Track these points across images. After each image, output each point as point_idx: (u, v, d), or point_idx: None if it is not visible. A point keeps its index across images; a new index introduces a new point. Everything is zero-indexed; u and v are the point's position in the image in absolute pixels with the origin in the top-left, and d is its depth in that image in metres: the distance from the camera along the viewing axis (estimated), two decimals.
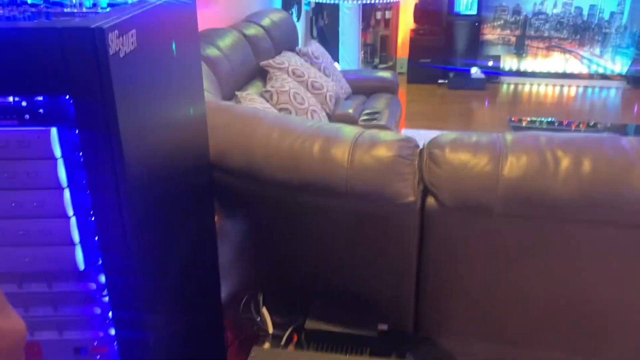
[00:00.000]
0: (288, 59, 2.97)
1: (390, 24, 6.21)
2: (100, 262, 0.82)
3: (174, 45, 0.98)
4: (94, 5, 0.83)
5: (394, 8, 5.94)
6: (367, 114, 3.18)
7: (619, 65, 5.86)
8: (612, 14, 5.76)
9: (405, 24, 6.16)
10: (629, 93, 5.61)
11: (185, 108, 1.12)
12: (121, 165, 0.76)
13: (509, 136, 1.25)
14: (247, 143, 1.35)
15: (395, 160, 1.24)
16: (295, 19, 4.35)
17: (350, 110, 3.07)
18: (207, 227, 1.36)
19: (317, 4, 4.81)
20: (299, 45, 3.81)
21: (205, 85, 1.43)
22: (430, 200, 1.27)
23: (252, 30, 2.93)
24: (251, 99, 2.31)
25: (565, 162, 1.14)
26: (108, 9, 0.82)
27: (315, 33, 5.21)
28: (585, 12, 5.81)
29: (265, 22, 3.14)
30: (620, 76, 5.86)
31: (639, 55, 5.76)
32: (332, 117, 2.99)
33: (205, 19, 2.78)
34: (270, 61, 2.87)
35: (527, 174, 1.15)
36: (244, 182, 1.38)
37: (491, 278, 1.35)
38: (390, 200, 1.25)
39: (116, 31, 0.72)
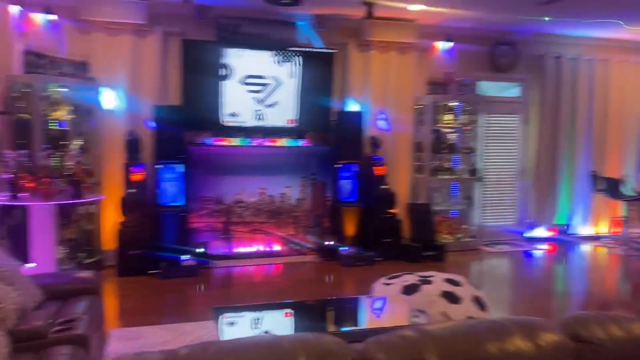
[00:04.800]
0: None
1: (95, 218, 6.04)
2: None
3: None
4: None
5: (98, 202, 5.85)
6: (62, 323, 2.88)
7: (311, 242, 6.77)
8: (298, 199, 6.76)
9: (112, 216, 6.07)
10: (322, 265, 6.44)
11: None
12: None
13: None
14: None
15: None
16: None
17: (39, 322, 2.74)
18: None
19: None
20: None
21: None
22: None
23: None
24: None
25: None
26: None
27: (3, 233, 4.72)
28: (277, 200, 6.69)
29: None
30: (313, 251, 6.73)
31: (323, 232, 6.77)
32: (16, 334, 2.61)
33: None
34: None
35: None
36: None
37: None
38: None
39: None
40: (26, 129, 5.22)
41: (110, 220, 6.08)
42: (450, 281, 4.07)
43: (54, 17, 5.80)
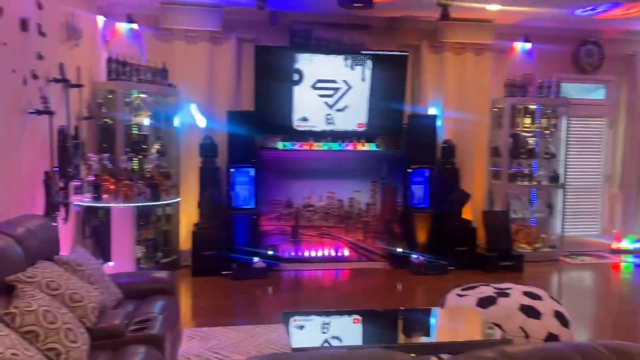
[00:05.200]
0: (42, 270, 2.70)
1: (172, 219, 6.25)
2: None
3: None
4: None
5: (175, 204, 6.03)
6: (138, 323, 2.97)
7: (380, 248, 6.66)
8: (367, 205, 6.67)
9: (187, 217, 6.26)
10: (392, 272, 6.31)
11: None
12: None
13: None
14: None
15: None
16: (62, 221, 4.11)
17: (117, 321, 2.83)
18: None
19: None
20: (68, 250, 3.56)
21: None
22: None
23: None
24: None
25: None
26: None
27: (88, 233, 4.96)
28: (346, 204, 6.63)
29: (18, 231, 2.87)
30: (382, 257, 6.61)
31: (394, 238, 6.64)
32: (95, 331, 2.71)
33: None
34: (19, 275, 2.56)
35: None
36: None
37: None
38: None
39: None
40: (109, 133, 5.48)
41: (186, 221, 6.27)
42: (529, 294, 3.85)
43: (135, 26, 6.07)
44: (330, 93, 6.41)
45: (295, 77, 6.30)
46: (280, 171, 6.46)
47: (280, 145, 6.37)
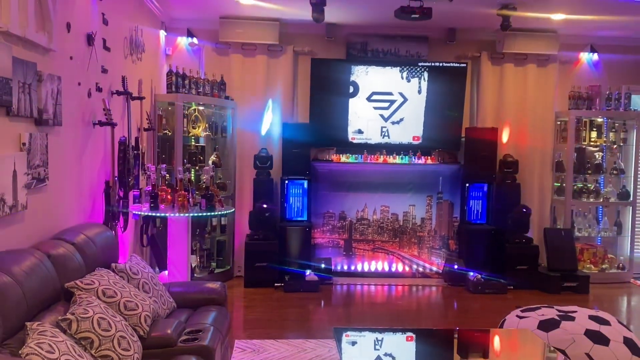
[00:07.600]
0: (99, 278, 2.76)
1: (227, 229, 6.32)
2: None
3: None
4: None
5: (230, 215, 6.10)
6: (189, 333, 2.98)
7: (435, 264, 6.48)
8: (422, 219, 6.52)
9: (242, 228, 6.31)
10: (447, 290, 6.12)
11: None
12: None
13: None
14: None
15: None
16: (121, 230, 4.22)
17: (169, 331, 2.85)
18: None
19: None
20: (126, 258, 3.64)
21: None
22: None
23: (59, 250, 2.72)
24: (41, 331, 2.03)
25: None
26: None
27: (145, 242, 5.08)
28: (400, 218, 6.51)
29: (78, 239, 2.96)
30: (438, 274, 6.43)
31: (450, 255, 6.45)
32: (147, 340, 2.74)
33: (3, 240, 2.53)
34: (77, 282, 2.63)
35: None
36: None
37: None
38: None
39: None
40: (168, 144, 5.62)
41: (241, 232, 6.32)
42: (595, 318, 3.61)
43: (195, 40, 6.23)
44: (385, 105, 6.33)
45: (351, 89, 6.27)
46: (334, 184, 6.42)
47: (334, 157, 6.33)
